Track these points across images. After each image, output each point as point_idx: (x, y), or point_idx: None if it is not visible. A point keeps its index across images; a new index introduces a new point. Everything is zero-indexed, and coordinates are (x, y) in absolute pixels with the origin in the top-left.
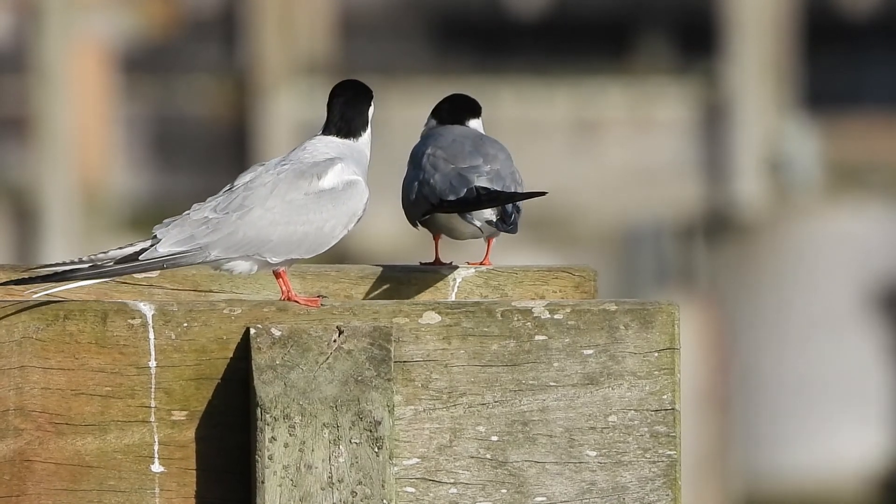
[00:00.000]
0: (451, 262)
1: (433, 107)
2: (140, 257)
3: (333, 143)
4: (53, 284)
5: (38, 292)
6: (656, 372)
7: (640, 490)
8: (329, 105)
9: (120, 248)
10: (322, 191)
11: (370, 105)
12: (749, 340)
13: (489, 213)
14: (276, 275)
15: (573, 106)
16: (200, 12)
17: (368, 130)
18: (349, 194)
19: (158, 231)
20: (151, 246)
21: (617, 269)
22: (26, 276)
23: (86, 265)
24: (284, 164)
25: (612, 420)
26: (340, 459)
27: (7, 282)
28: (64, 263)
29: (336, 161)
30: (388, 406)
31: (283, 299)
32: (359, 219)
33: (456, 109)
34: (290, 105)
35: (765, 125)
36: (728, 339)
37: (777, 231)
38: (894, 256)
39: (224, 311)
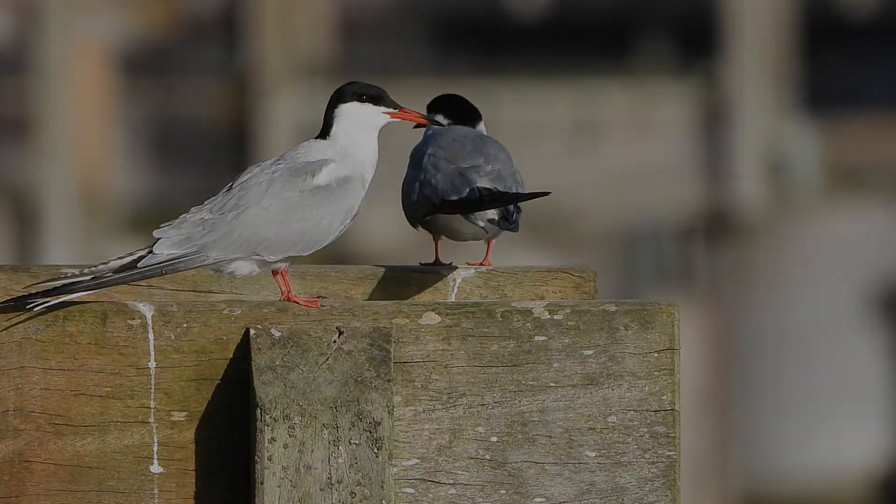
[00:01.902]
0: (450, 263)
1: (431, 105)
2: (139, 264)
3: (320, 145)
4: (55, 297)
5: (40, 305)
6: (656, 372)
7: (639, 490)
8: None
9: (120, 257)
10: (317, 187)
11: (340, 103)
12: (749, 341)
13: (491, 213)
14: (276, 273)
15: (573, 107)
16: (201, 14)
17: (342, 127)
18: (344, 190)
19: (156, 233)
20: (149, 252)
21: (617, 270)
22: (28, 292)
23: (87, 277)
24: (279, 164)
25: (612, 420)
26: (340, 460)
27: (9, 299)
28: (65, 276)
29: (329, 160)
30: (388, 407)
31: (283, 300)
32: (354, 215)
33: (466, 111)
34: (290, 106)
35: (765, 126)
36: (728, 339)
37: (777, 232)
38: (894, 258)
39: (224, 312)
